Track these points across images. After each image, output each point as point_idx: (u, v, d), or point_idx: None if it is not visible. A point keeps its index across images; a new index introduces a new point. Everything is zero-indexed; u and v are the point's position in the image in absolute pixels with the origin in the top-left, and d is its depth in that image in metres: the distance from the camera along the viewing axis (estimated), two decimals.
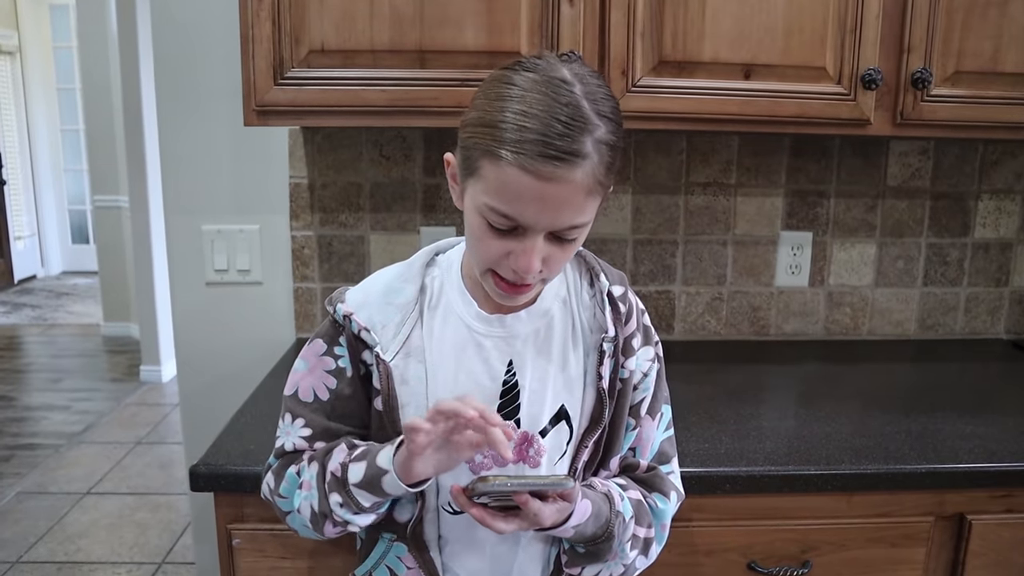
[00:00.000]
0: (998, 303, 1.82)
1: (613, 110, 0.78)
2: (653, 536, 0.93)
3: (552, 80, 0.75)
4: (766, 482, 1.14)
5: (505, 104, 0.75)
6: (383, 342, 0.87)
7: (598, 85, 0.78)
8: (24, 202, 6.78)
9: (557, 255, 0.80)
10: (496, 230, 0.78)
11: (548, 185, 0.73)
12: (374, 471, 0.81)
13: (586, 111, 0.74)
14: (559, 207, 0.75)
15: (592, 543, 0.87)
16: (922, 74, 1.32)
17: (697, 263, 1.74)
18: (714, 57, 1.30)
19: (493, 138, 0.74)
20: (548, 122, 0.72)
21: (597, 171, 0.75)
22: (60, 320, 5.77)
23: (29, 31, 6.57)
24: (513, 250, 0.78)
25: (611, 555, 0.88)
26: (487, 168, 0.75)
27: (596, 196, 0.78)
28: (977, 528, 1.19)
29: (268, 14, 1.24)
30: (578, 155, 0.73)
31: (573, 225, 0.78)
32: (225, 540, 1.13)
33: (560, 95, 0.74)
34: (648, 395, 0.94)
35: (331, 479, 0.84)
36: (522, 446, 0.88)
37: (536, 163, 0.72)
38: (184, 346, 1.73)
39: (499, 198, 0.75)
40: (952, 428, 1.29)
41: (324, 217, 1.66)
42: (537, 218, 0.76)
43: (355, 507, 0.83)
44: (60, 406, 4.06)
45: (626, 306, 0.91)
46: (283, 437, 0.92)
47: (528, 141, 0.72)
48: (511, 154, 0.73)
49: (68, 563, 2.59)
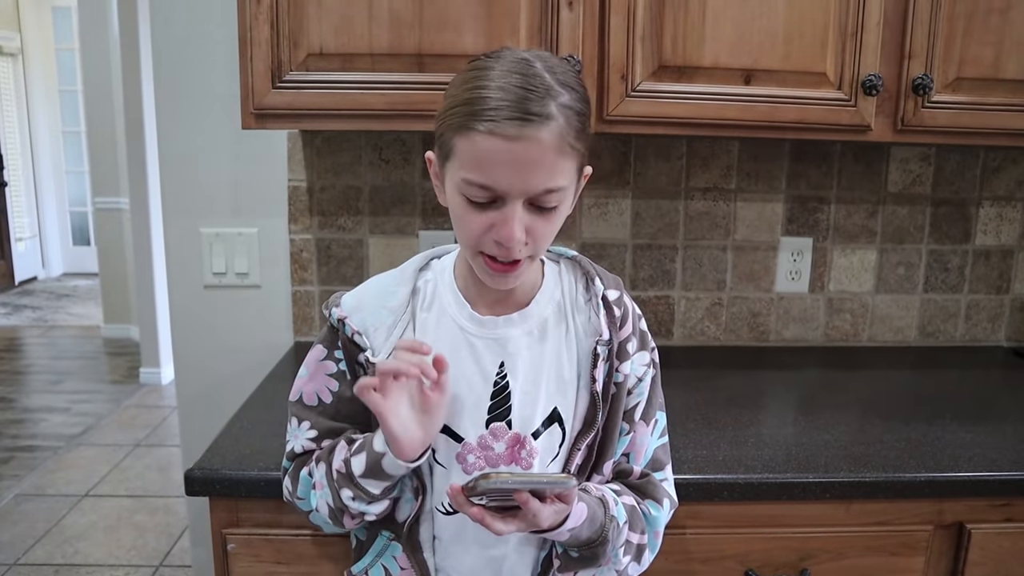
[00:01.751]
0: (999, 310, 1.82)
1: (576, 82, 0.81)
2: (646, 543, 0.92)
3: (515, 60, 0.79)
4: (764, 489, 1.14)
5: (470, 85, 0.78)
6: (376, 344, 0.89)
7: (559, 62, 0.81)
8: (25, 204, 6.79)
9: (539, 226, 0.81)
10: (476, 205, 0.80)
11: (516, 145, 0.75)
12: (373, 457, 0.84)
13: (548, 80, 0.77)
14: (530, 168, 0.77)
15: (587, 547, 0.86)
16: (923, 80, 1.32)
17: (697, 268, 1.73)
18: (714, 62, 1.29)
19: (462, 115, 0.77)
20: (512, 91, 0.76)
21: (565, 132, 0.77)
22: (60, 322, 5.78)
23: (31, 33, 6.59)
24: (495, 222, 0.80)
25: (604, 560, 0.88)
26: (460, 144, 0.78)
27: (568, 159, 0.79)
28: (976, 537, 1.18)
29: (266, 17, 1.24)
30: (543, 115, 0.75)
31: (548, 188, 0.78)
32: (220, 544, 1.13)
33: (522, 69, 0.77)
34: (642, 400, 0.94)
35: (338, 476, 0.87)
36: (514, 448, 0.88)
37: (503, 126, 0.75)
38: (182, 349, 1.73)
39: (473, 169, 0.78)
40: (952, 436, 1.28)
41: (323, 220, 1.66)
42: (511, 181, 0.77)
43: (367, 497, 0.86)
44: (59, 408, 4.06)
45: (621, 310, 0.92)
46: (292, 441, 0.95)
47: (494, 108, 0.75)
48: (479, 123, 0.76)
49: (66, 565, 2.59)
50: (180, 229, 1.67)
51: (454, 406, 0.88)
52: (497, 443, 0.88)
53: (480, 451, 0.88)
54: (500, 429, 0.88)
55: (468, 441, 0.88)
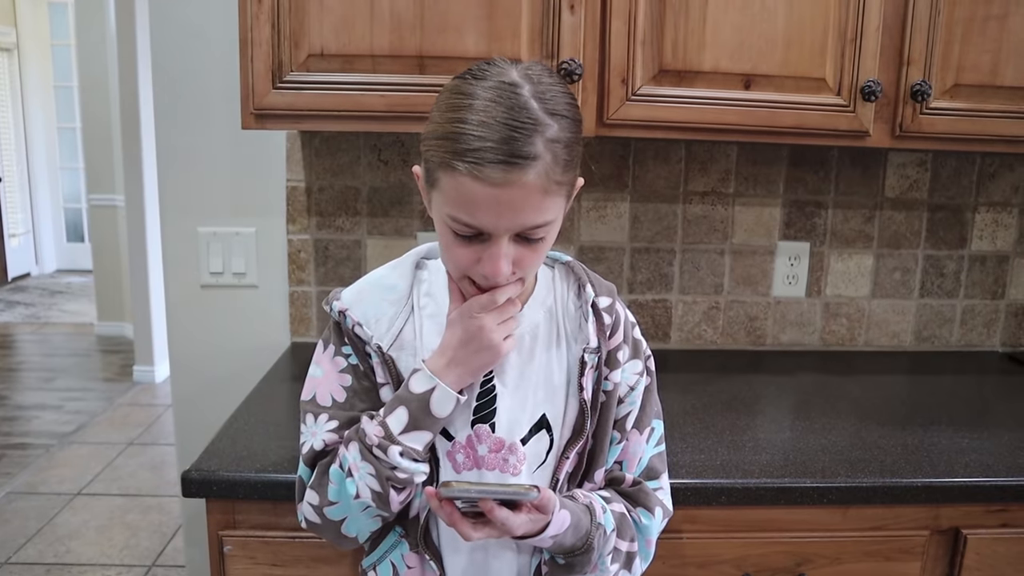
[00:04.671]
0: (994, 316, 1.82)
1: (568, 106, 0.79)
2: (636, 551, 0.92)
3: (501, 85, 0.76)
4: (761, 494, 1.14)
5: (456, 115, 0.76)
6: (378, 335, 0.89)
7: (551, 84, 0.78)
8: (19, 200, 6.76)
9: (527, 256, 0.81)
10: (462, 238, 0.79)
11: (501, 190, 0.74)
12: (418, 402, 0.83)
13: (535, 112, 0.75)
14: (516, 210, 0.76)
15: (571, 555, 0.86)
16: (921, 86, 1.33)
17: (694, 272, 1.74)
18: (714, 67, 1.29)
19: (446, 150, 0.76)
20: (496, 128, 0.73)
21: (551, 170, 0.76)
22: (53, 319, 5.75)
23: (27, 28, 6.56)
24: (482, 257, 0.80)
25: (591, 567, 0.87)
26: (444, 180, 0.77)
27: (556, 195, 0.78)
28: (972, 543, 1.18)
29: (267, 17, 1.24)
30: (528, 157, 0.74)
31: (536, 225, 0.78)
32: (216, 546, 1.12)
33: (508, 99, 0.75)
34: (635, 409, 0.93)
35: (379, 442, 0.82)
36: (500, 453, 0.88)
37: (486, 170, 0.73)
38: (178, 349, 1.72)
39: (457, 207, 0.77)
40: (948, 442, 1.29)
41: (321, 221, 1.66)
42: (496, 223, 0.77)
43: (413, 454, 0.83)
44: (52, 406, 4.04)
45: (612, 318, 0.91)
46: (309, 440, 0.90)
47: (476, 150, 0.73)
48: (462, 164, 0.74)
49: (57, 564, 2.57)
50: (177, 228, 1.67)
51: None
52: (481, 445, 0.88)
53: (467, 451, 0.88)
54: (483, 431, 0.88)
55: (458, 440, 0.89)
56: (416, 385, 0.84)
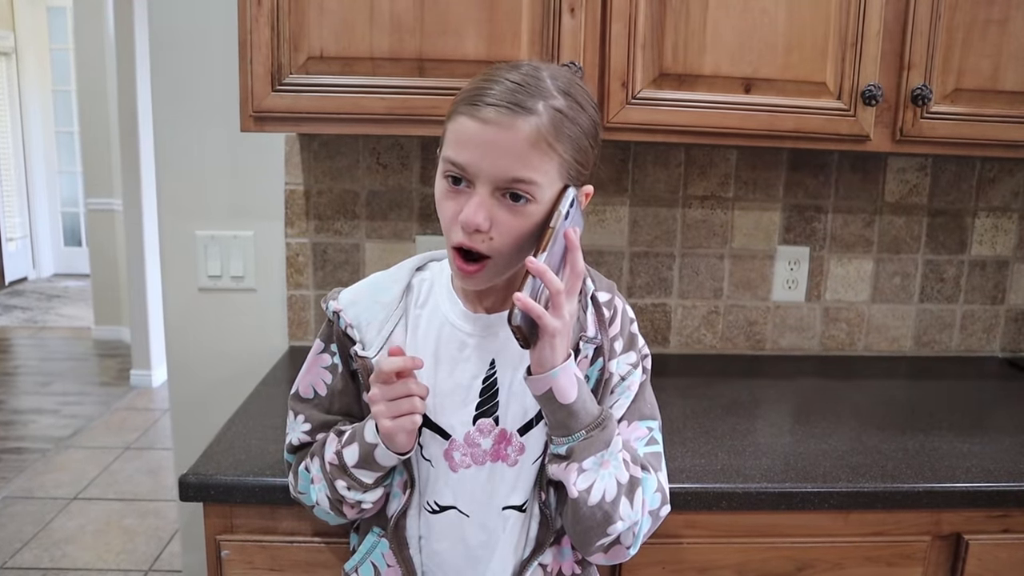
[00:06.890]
0: (994, 321, 1.82)
1: (584, 97, 0.82)
2: (640, 478, 0.87)
3: (528, 65, 0.82)
4: (761, 499, 1.13)
5: (476, 81, 0.82)
6: (367, 338, 0.90)
7: (575, 81, 0.83)
8: (17, 203, 6.75)
9: (504, 219, 0.80)
10: (450, 188, 0.81)
11: (489, 128, 0.77)
12: (365, 448, 0.87)
13: (547, 85, 0.79)
14: (500, 153, 0.77)
15: (589, 427, 0.82)
16: (922, 91, 1.32)
17: (694, 276, 1.73)
18: (715, 70, 1.29)
19: (456, 103, 0.81)
20: (508, 85, 0.78)
21: (544, 129, 0.78)
22: (51, 323, 5.74)
23: (26, 32, 6.56)
24: (463, 208, 0.80)
25: (604, 447, 0.83)
26: (449, 129, 0.81)
27: (545, 156, 0.78)
28: (974, 548, 1.18)
29: (267, 20, 1.23)
30: (523, 107, 0.77)
31: (516, 177, 0.78)
32: (214, 551, 1.12)
33: (529, 71, 0.80)
34: (625, 400, 0.91)
35: (331, 468, 0.89)
36: (500, 444, 0.89)
37: (483, 110, 0.78)
38: (176, 352, 1.71)
39: (451, 148, 0.80)
40: (949, 447, 1.28)
41: (319, 224, 1.65)
42: (479, 163, 0.78)
43: (360, 487, 0.88)
44: (49, 410, 4.02)
45: (610, 311, 0.91)
46: (289, 434, 0.98)
47: (481, 94, 0.79)
48: (464, 106, 0.79)
49: (54, 569, 2.56)
50: (175, 231, 1.66)
51: (443, 403, 0.89)
52: (484, 439, 0.89)
53: (467, 448, 0.89)
54: (487, 425, 0.89)
55: (455, 438, 0.89)
56: (368, 433, 0.87)
